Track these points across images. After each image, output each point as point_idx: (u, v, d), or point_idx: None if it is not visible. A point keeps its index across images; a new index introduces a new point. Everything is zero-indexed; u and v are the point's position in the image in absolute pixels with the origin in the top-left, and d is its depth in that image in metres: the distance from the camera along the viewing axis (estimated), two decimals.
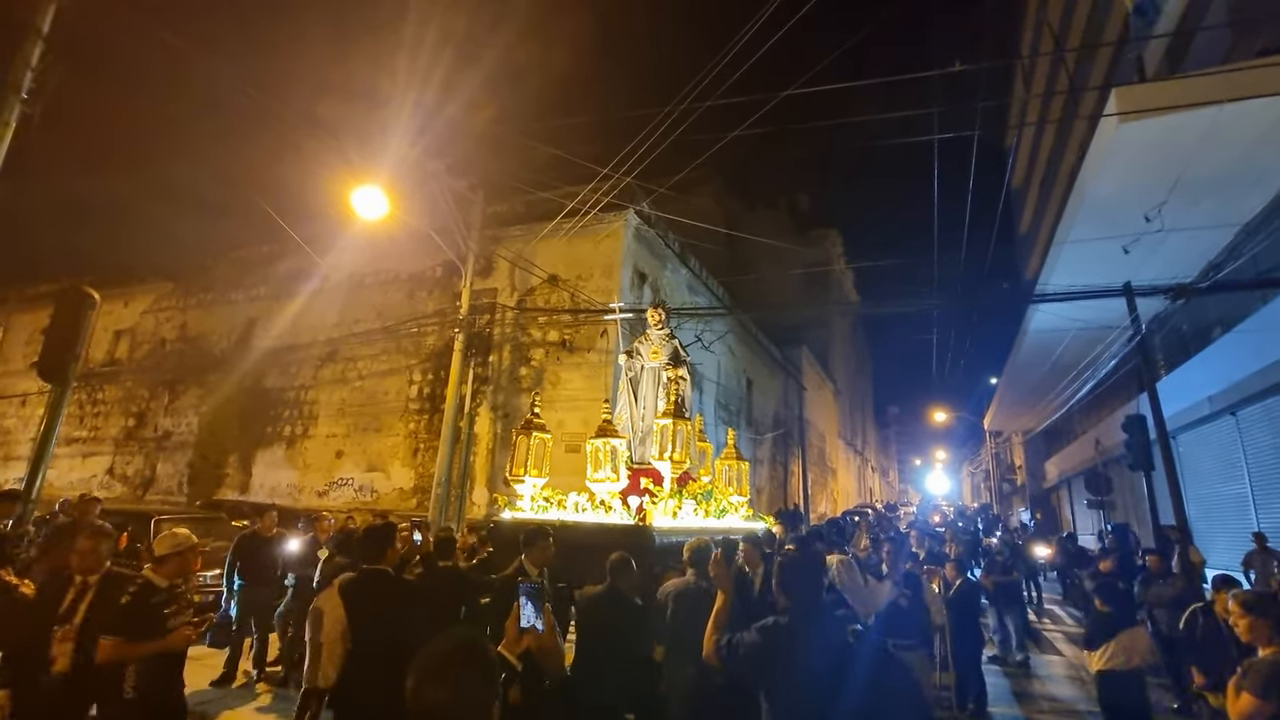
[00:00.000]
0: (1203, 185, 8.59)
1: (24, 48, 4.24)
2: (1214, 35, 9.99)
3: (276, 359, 16.53)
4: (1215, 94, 6.95)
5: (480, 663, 1.28)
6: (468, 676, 1.24)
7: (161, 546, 3.07)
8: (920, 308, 11.30)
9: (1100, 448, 17.83)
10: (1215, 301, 11.35)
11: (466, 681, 1.24)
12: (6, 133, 4.20)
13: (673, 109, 7.52)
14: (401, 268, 15.70)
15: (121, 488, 17.90)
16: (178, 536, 3.10)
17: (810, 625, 2.23)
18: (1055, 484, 26.89)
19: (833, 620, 2.45)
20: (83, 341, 4.73)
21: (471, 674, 1.25)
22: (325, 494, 14.92)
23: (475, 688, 1.24)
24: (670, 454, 5.12)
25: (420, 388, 14.72)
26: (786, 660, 2.14)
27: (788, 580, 2.32)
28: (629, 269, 13.82)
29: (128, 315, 19.90)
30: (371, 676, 2.66)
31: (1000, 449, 38.00)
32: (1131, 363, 12.85)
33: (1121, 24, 13.73)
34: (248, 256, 18.26)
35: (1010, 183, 24.85)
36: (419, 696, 1.20)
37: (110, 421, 19.00)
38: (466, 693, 1.22)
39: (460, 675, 1.23)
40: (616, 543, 3.75)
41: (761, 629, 2.25)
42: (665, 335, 6.18)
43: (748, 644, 2.24)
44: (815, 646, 2.15)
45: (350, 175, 9.36)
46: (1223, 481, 11.58)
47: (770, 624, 2.26)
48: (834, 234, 36.19)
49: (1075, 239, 10.65)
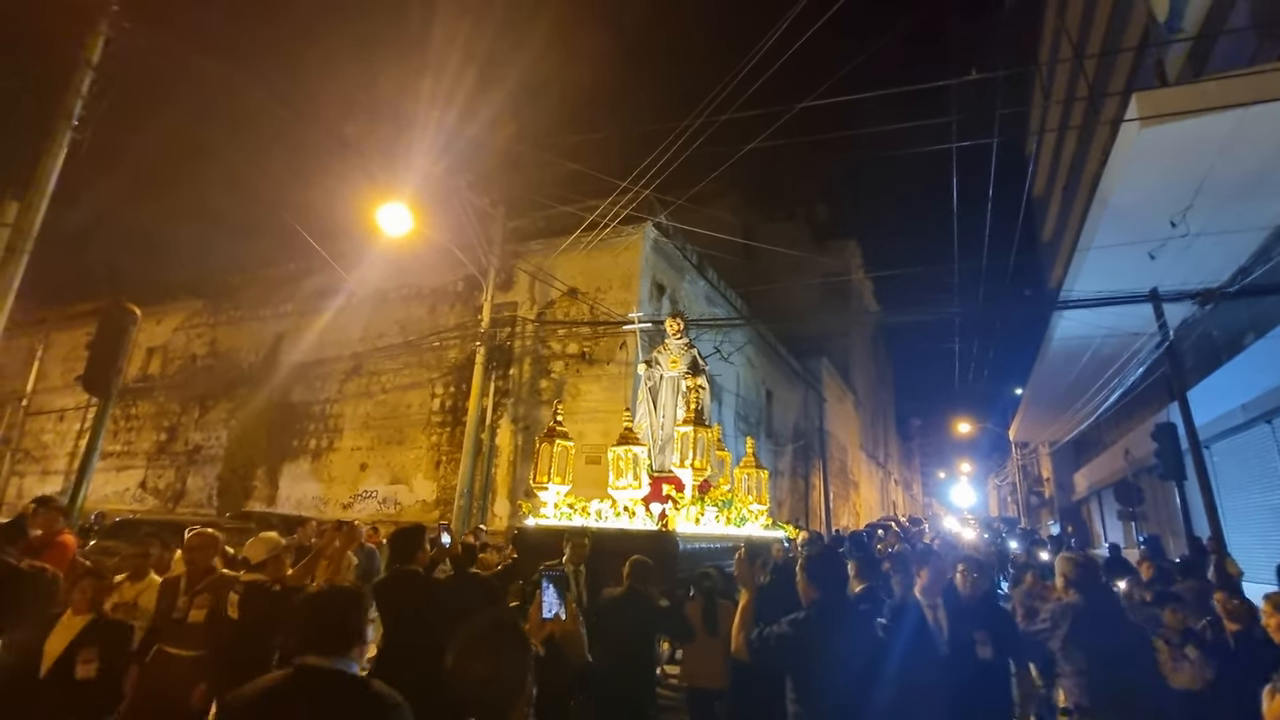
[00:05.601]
0: (1229, 189, 8.47)
1: (74, 78, 4.50)
2: (1237, 38, 9.89)
3: (303, 374, 16.87)
4: (1239, 97, 6.88)
5: (516, 640, 1.34)
6: (505, 652, 1.31)
7: (256, 552, 3.24)
8: (942, 315, 11.23)
9: (1130, 458, 17.43)
10: (1247, 306, 11.11)
11: (503, 657, 1.30)
12: (59, 158, 4.44)
13: (691, 122, 7.64)
14: (424, 282, 15.97)
15: (153, 501, 18.33)
16: (270, 540, 3.26)
17: (838, 616, 2.31)
18: (1085, 496, 26.28)
19: (859, 613, 2.51)
20: (125, 355, 4.93)
21: (507, 650, 1.31)
22: (350, 506, 15.12)
23: (511, 664, 1.31)
24: (691, 461, 5.17)
25: (442, 401, 14.91)
26: (817, 649, 2.21)
27: (815, 573, 2.40)
28: (647, 281, 13.93)
29: (160, 332, 20.46)
30: (403, 674, 2.72)
31: (1027, 460, 37.21)
32: (1160, 370, 12.61)
33: (1142, 29, 13.64)
34: (275, 274, 18.72)
35: (1031, 191, 24.61)
36: (459, 671, 1.27)
37: (143, 436, 19.49)
38: (503, 668, 1.29)
39: (497, 651, 1.30)
40: (641, 548, 3.81)
41: (792, 621, 2.33)
42: (684, 344, 6.24)
43: (778, 636, 2.32)
44: (844, 635, 2.22)
45: (375, 193, 9.64)
46: (1259, 491, 11.26)
47: (801, 616, 2.34)
48: (853, 245, 36.03)
49: (1099, 245, 10.51)
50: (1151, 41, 12.44)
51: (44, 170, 4.37)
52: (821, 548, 5.47)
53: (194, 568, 3.44)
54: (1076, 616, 3.22)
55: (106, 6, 4.51)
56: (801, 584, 2.43)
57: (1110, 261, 10.72)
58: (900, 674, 2.11)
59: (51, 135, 4.36)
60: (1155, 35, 12.28)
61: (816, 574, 2.41)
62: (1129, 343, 12.52)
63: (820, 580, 2.39)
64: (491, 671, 1.28)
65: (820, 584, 2.38)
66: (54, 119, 4.40)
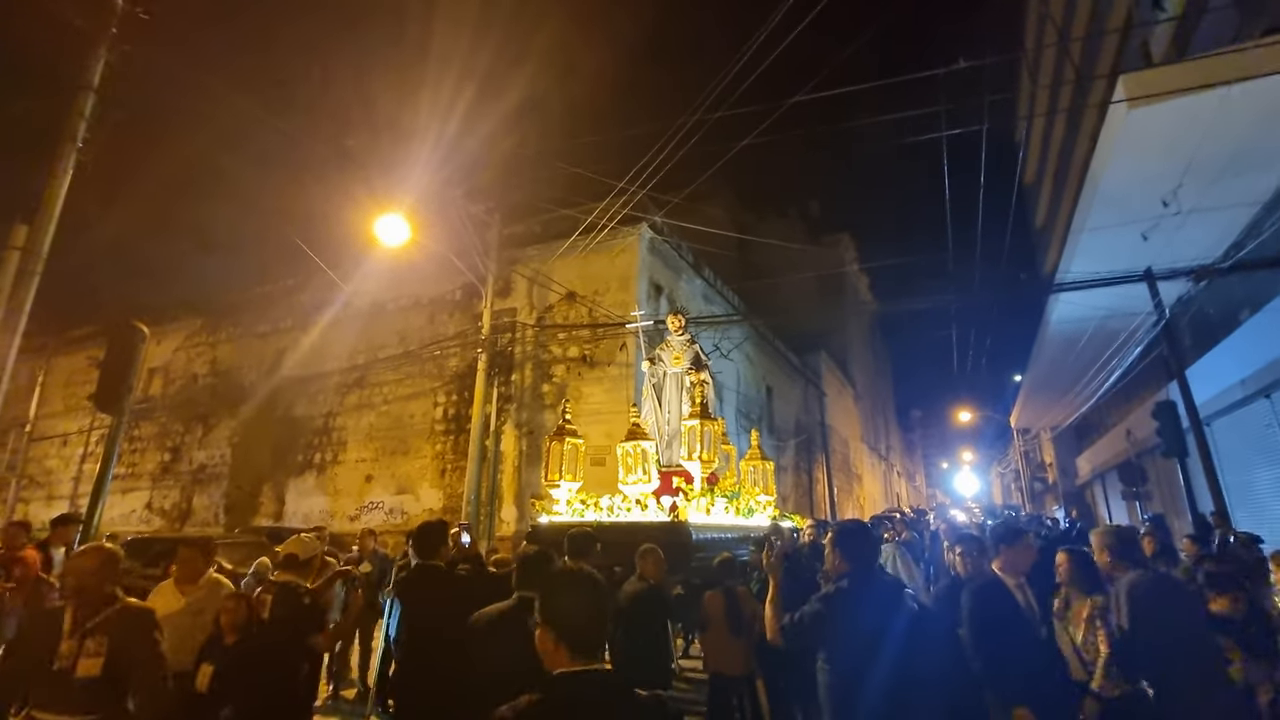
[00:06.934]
0: (1218, 166, 8.56)
1: (77, 100, 4.57)
2: (1220, 17, 10.00)
3: (304, 388, 16.92)
4: (1223, 75, 6.97)
5: (595, 582, 1.59)
6: (591, 590, 1.54)
7: (303, 550, 3.24)
8: (937, 303, 11.31)
9: (1133, 439, 17.50)
10: (1241, 282, 11.19)
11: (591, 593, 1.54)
12: (64, 181, 4.51)
13: (683, 122, 7.72)
14: (422, 292, 16.03)
15: (160, 521, 18.34)
16: (311, 543, 3.28)
17: (870, 586, 2.39)
18: (1088, 480, 26.33)
19: (886, 583, 2.54)
20: (135, 373, 4.98)
21: (593, 588, 1.55)
22: (357, 518, 15.15)
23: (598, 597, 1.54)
24: (699, 454, 5.23)
25: (445, 409, 14.96)
26: (850, 620, 2.27)
27: (846, 546, 2.45)
28: (645, 281, 13.99)
29: (160, 353, 20.49)
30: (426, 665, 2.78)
31: (1029, 447, 37.26)
32: (1158, 350, 12.69)
33: (1126, 11, 13.74)
34: (273, 290, 18.77)
35: (1022, 177, 24.73)
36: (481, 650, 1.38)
37: (147, 457, 19.51)
38: (593, 600, 1.52)
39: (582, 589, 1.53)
40: (654, 539, 3.87)
41: (822, 598, 2.39)
42: (686, 340, 6.31)
43: (810, 614, 2.39)
44: (876, 605, 2.28)
45: (372, 204, 9.70)
46: (1262, 466, 11.33)
47: (832, 591, 2.39)
48: (847, 238, 36.20)
49: (1092, 227, 10.60)
50: (1136, 23, 12.55)
51: (52, 193, 4.44)
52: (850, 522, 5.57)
53: (83, 597, 2.44)
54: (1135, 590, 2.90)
55: (106, 29, 4.59)
56: (833, 558, 2.49)
57: (1104, 243, 10.81)
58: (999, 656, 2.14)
59: (57, 158, 4.43)
60: (1139, 16, 12.39)
61: (848, 547, 2.47)
62: (1126, 323, 12.60)
63: (851, 553, 2.45)
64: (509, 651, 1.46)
65: (851, 557, 2.44)
66: (60, 142, 4.47)
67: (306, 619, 3.08)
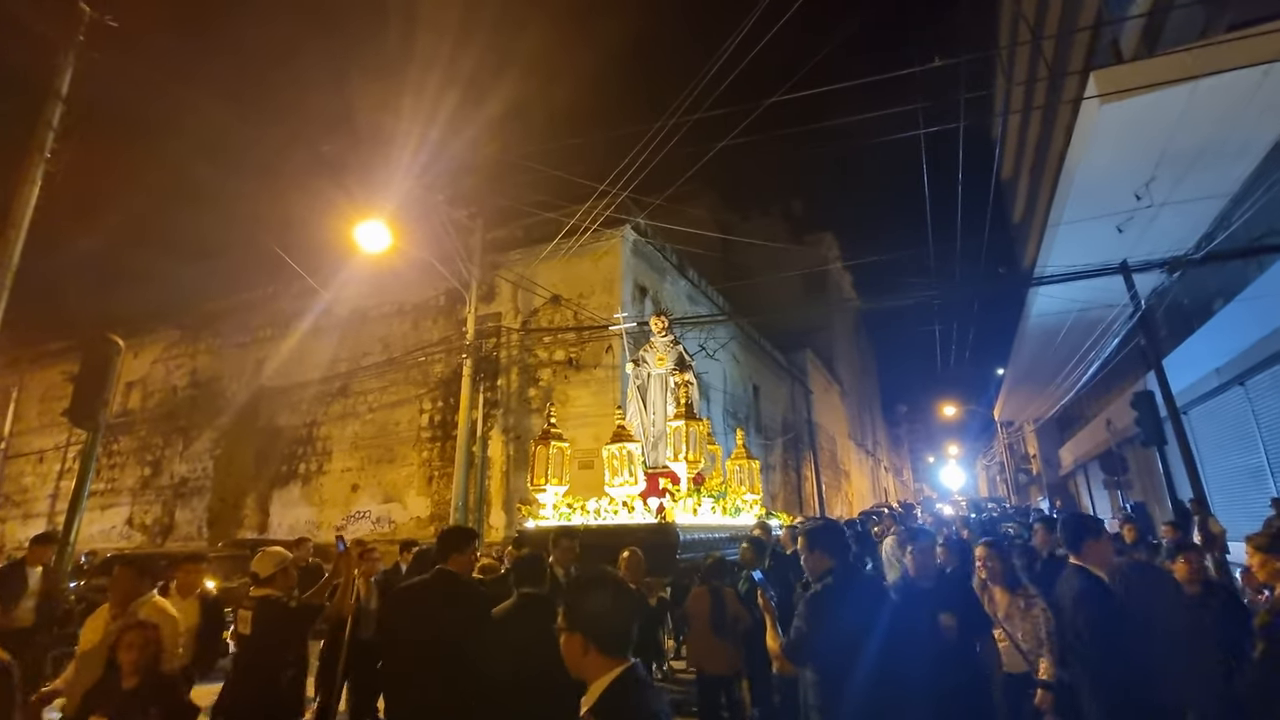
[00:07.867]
0: (1188, 159, 8.74)
1: (45, 109, 4.47)
2: (1187, 14, 10.20)
3: (287, 398, 16.71)
4: (1190, 70, 7.11)
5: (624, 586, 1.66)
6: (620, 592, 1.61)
7: (265, 566, 3.15)
8: (919, 298, 11.41)
9: (1113, 429, 17.79)
10: (1213, 273, 11.42)
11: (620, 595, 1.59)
12: (33, 191, 4.41)
13: (663, 124, 7.73)
14: (405, 298, 15.91)
15: (141, 536, 18.01)
16: (278, 554, 3.20)
17: (854, 579, 2.40)
18: (1071, 470, 26.74)
19: (868, 578, 2.56)
20: (111, 387, 4.88)
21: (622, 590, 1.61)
22: (343, 528, 14.97)
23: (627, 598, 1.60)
24: (685, 455, 5.23)
25: (431, 416, 14.84)
26: (836, 617, 2.27)
27: (824, 543, 2.45)
28: (629, 283, 13.99)
29: (138, 366, 20.14)
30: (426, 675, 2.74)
31: (1013, 439, 37.77)
32: (1135, 340, 12.91)
33: (1096, 8, 13.98)
34: (251, 299, 18.53)
35: (999, 173, 25.06)
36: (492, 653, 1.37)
37: (126, 472, 19.16)
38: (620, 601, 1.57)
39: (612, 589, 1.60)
40: (642, 541, 3.85)
41: (808, 600, 2.37)
42: (670, 342, 6.31)
43: (804, 620, 2.38)
44: (861, 599, 2.28)
45: (353, 210, 9.62)
46: (1238, 453, 11.56)
47: (818, 590, 2.38)
48: (829, 237, 36.45)
49: (1069, 220, 10.78)
50: (1106, 20, 12.77)
51: (20, 204, 4.34)
52: (818, 520, 5.60)
53: None
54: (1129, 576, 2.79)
55: (74, 37, 4.50)
56: (812, 559, 2.48)
57: (1081, 237, 10.99)
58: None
59: (26, 168, 4.34)
60: (1108, 13, 12.61)
61: (827, 544, 2.47)
62: (1104, 315, 12.81)
63: (831, 549, 2.45)
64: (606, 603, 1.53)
65: (832, 553, 2.45)
66: (28, 152, 4.38)
67: (291, 626, 3.05)
